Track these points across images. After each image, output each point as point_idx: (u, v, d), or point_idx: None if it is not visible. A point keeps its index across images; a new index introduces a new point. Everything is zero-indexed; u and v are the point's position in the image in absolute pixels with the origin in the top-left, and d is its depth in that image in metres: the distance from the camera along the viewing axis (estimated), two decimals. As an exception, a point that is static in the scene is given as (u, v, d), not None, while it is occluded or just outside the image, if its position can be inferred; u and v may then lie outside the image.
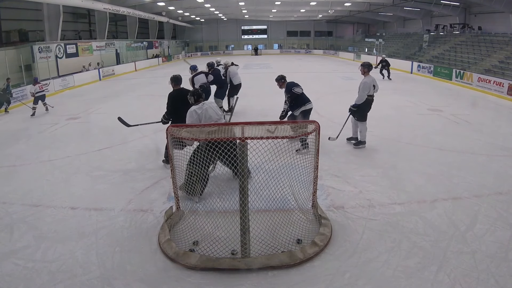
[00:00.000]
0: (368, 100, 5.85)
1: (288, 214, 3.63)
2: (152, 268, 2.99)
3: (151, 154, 5.91)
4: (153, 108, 10.11)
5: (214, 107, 4.29)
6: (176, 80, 5.06)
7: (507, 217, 3.69)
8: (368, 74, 5.80)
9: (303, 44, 40.47)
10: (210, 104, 4.28)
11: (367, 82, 5.74)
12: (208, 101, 4.42)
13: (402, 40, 26.51)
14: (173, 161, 3.46)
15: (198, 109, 4.15)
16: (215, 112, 4.25)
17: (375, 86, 5.88)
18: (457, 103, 10.17)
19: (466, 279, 2.77)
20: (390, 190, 4.37)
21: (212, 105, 4.29)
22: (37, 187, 4.69)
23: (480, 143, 6.27)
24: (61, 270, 2.97)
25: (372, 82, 5.80)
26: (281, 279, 2.83)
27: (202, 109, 4.16)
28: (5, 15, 17.06)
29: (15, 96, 11.18)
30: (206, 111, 4.15)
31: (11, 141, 7.06)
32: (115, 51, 22.43)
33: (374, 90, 5.88)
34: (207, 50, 39.46)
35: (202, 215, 3.62)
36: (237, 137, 2.95)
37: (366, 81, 5.75)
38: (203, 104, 4.22)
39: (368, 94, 5.78)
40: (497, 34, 17.50)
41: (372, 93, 5.86)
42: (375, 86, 5.88)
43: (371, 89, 5.81)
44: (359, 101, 5.79)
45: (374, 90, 5.87)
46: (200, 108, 4.16)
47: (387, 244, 3.25)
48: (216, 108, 4.31)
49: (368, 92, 5.77)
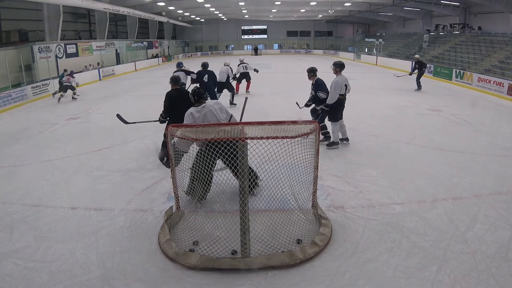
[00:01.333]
0: (340, 100, 5.78)
1: (288, 214, 3.63)
2: (152, 268, 2.99)
3: (151, 154, 5.91)
4: (153, 108, 10.10)
5: (216, 110, 3.92)
6: (174, 80, 5.14)
7: (507, 217, 3.69)
8: (340, 73, 5.78)
9: (303, 44, 40.47)
10: (213, 107, 3.93)
11: (338, 81, 5.70)
12: (212, 102, 4.04)
13: (402, 40, 26.51)
14: (173, 161, 3.46)
15: (196, 112, 3.86)
16: (217, 116, 3.88)
17: (347, 86, 5.82)
18: (457, 103, 10.17)
19: (466, 279, 2.77)
20: (390, 190, 4.37)
21: (215, 107, 3.93)
22: (37, 187, 4.69)
23: (480, 143, 6.27)
24: (61, 270, 2.97)
25: (344, 81, 5.75)
26: (281, 279, 2.83)
27: (200, 112, 3.86)
28: (5, 15, 17.06)
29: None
30: (205, 115, 3.84)
31: (11, 141, 7.06)
32: (115, 51, 22.43)
33: (347, 90, 5.83)
34: (207, 50, 39.45)
35: (202, 215, 3.62)
36: (237, 137, 2.95)
37: (338, 80, 5.71)
38: (203, 107, 3.89)
39: (340, 94, 5.73)
40: (497, 34, 17.50)
41: (344, 93, 5.80)
42: (347, 86, 5.82)
43: (342, 89, 5.75)
44: (330, 100, 5.74)
45: (346, 90, 5.81)
46: (199, 112, 3.86)
47: (387, 244, 3.25)
48: (221, 112, 3.95)
49: (340, 91, 5.72)
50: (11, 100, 10.91)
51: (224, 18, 37.01)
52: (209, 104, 3.95)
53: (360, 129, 7.23)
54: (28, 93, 11.90)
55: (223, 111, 4.00)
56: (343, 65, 5.86)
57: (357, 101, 10.49)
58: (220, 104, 4.06)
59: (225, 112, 4.03)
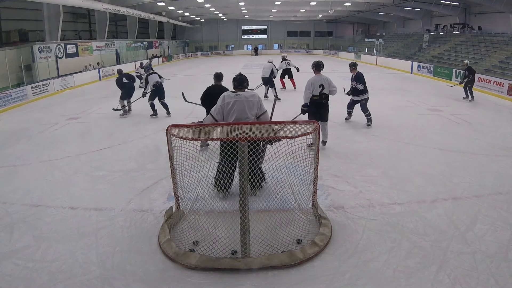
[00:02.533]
0: (313, 101, 5.63)
1: (288, 214, 3.63)
2: (152, 268, 2.99)
3: (151, 154, 5.92)
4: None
5: (250, 102, 3.84)
6: (216, 77, 5.39)
7: (507, 217, 3.69)
8: (318, 73, 5.69)
9: (303, 44, 40.46)
10: (248, 99, 3.85)
11: (310, 81, 5.62)
12: (250, 94, 3.94)
13: (402, 40, 26.52)
14: (173, 161, 3.46)
15: (229, 97, 3.83)
16: (247, 109, 3.81)
17: (323, 86, 5.59)
18: (457, 103, 10.17)
19: (466, 279, 2.76)
20: (390, 190, 4.37)
21: (250, 100, 3.86)
22: (37, 187, 4.69)
23: (480, 143, 6.27)
24: (61, 270, 2.97)
25: (319, 81, 5.59)
26: (281, 279, 2.83)
27: (232, 98, 3.81)
28: (5, 15, 17.06)
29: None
30: (235, 103, 3.79)
31: (11, 141, 7.06)
32: (115, 51, 22.44)
33: (323, 90, 5.60)
34: (207, 50, 39.45)
35: (202, 215, 3.61)
36: (237, 137, 2.95)
37: (310, 79, 5.64)
38: (237, 94, 3.85)
39: (313, 94, 5.60)
40: (497, 34, 17.51)
41: (318, 93, 5.60)
42: (323, 86, 5.59)
43: (315, 88, 5.58)
44: (304, 100, 5.67)
45: (323, 91, 5.60)
46: (231, 98, 3.82)
47: (387, 244, 3.25)
48: (253, 105, 3.87)
49: (313, 91, 5.58)
50: (11, 100, 10.91)
51: (224, 18, 37.01)
52: (244, 95, 3.89)
53: (360, 129, 7.23)
54: (28, 93, 11.90)
55: (255, 106, 3.91)
56: (319, 65, 5.71)
57: (357, 101, 10.50)
58: (256, 97, 3.96)
59: (259, 107, 3.95)
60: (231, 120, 3.85)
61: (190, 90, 12.98)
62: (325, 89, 5.62)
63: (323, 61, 5.90)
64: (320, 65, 5.74)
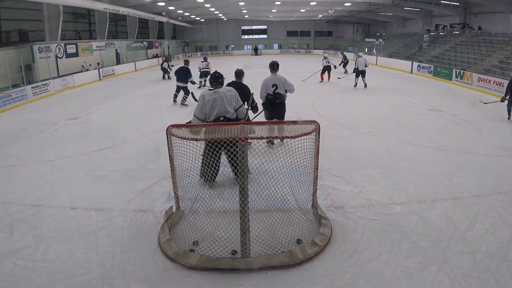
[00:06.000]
0: (267, 99, 5.72)
1: (288, 214, 3.63)
2: (152, 268, 2.99)
3: (151, 154, 5.91)
4: (153, 107, 10.13)
5: (227, 97, 4.08)
6: (236, 74, 5.55)
7: (507, 217, 3.69)
8: (273, 72, 5.73)
9: (303, 44, 40.45)
10: (225, 94, 4.09)
11: (264, 80, 5.74)
12: (226, 89, 4.20)
13: (402, 40, 26.52)
14: (173, 161, 3.46)
15: (208, 95, 4.06)
16: (226, 103, 4.06)
17: (276, 86, 5.65)
18: (457, 103, 10.17)
19: (466, 279, 2.76)
20: (390, 190, 4.37)
21: (227, 94, 4.10)
22: (37, 187, 4.68)
23: (480, 143, 6.27)
24: (61, 270, 2.97)
25: (272, 81, 5.68)
26: (281, 279, 2.83)
27: (211, 96, 4.04)
28: (5, 15, 17.06)
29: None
30: (214, 99, 4.04)
31: (11, 141, 7.05)
32: (115, 51, 22.43)
33: (277, 90, 5.65)
34: (207, 50, 39.44)
35: (202, 215, 3.61)
36: (237, 137, 2.95)
37: (265, 79, 5.74)
38: (215, 91, 4.08)
39: (267, 93, 5.69)
40: (497, 34, 17.50)
41: (272, 92, 5.67)
42: (276, 86, 5.65)
43: (268, 88, 5.68)
44: (261, 99, 5.74)
45: (274, 90, 5.65)
46: (210, 95, 4.05)
47: (387, 244, 3.25)
48: (231, 99, 4.10)
49: (266, 90, 5.69)
50: (11, 100, 10.90)
51: (224, 18, 37.00)
52: (222, 91, 4.14)
53: (360, 129, 7.23)
54: (28, 93, 11.90)
55: (233, 100, 4.16)
56: (273, 64, 5.78)
57: (357, 101, 10.51)
58: (233, 92, 4.20)
59: (236, 101, 4.21)
60: (213, 115, 4.11)
61: (193, 90, 12.98)
62: (278, 89, 5.68)
63: (278, 61, 5.95)
64: (274, 64, 5.81)
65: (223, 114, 4.13)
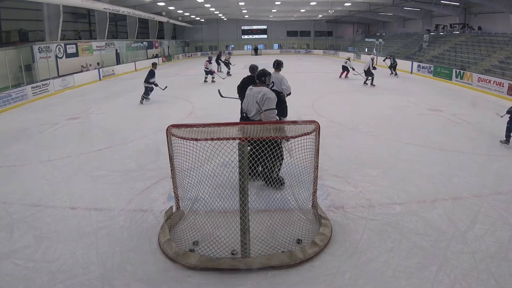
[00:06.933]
0: None
1: (288, 214, 3.63)
2: (152, 268, 2.99)
3: (151, 154, 5.91)
4: (153, 107, 10.13)
5: (257, 97, 4.17)
6: (251, 69, 5.80)
7: (507, 217, 3.69)
8: (276, 71, 5.85)
9: (303, 44, 40.44)
10: (256, 94, 4.21)
11: None
12: (257, 89, 4.25)
13: (402, 40, 26.51)
14: (173, 161, 3.46)
15: (248, 89, 4.33)
16: (252, 104, 4.23)
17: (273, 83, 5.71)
18: (457, 103, 10.16)
19: (466, 279, 2.77)
20: (390, 190, 4.37)
21: (257, 95, 4.19)
22: (37, 187, 4.68)
23: (480, 143, 6.28)
24: (61, 270, 2.97)
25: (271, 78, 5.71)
26: (281, 279, 2.83)
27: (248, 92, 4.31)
28: (5, 15, 17.05)
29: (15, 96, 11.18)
30: (248, 96, 4.30)
31: (11, 141, 7.05)
32: (115, 51, 22.42)
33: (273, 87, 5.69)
34: (207, 50, 39.43)
35: (202, 215, 3.61)
36: (237, 137, 2.95)
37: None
38: (251, 89, 4.31)
39: None
40: (497, 34, 17.50)
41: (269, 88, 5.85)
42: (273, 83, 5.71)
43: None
44: None
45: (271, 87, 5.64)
46: (248, 90, 4.32)
47: (387, 244, 3.25)
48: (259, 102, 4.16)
49: None
50: (11, 100, 10.91)
51: (224, 18, 36.99)
52: (255, 90, 4.30)
53: (360, 129, 7.22)
54: (28, 93, 11.90)
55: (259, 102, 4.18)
56: (275, 63, 5.91)
57: (357, 101, 10.51)
58: (260, 94, 4.20)
59: (263, 104, 4.18)
60: (245, 110, 4.45)
61: (193, 90, 12.97)
62: (275, 86, 5.78)
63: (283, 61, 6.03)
64: (275, 63, 5.95)
65: (247, 113, 4.38)
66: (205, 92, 12.54)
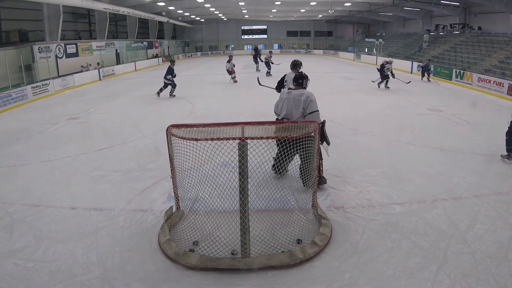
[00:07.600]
0: None
1: (288, 214, 3.63)
2: (152, 268, 2.99)
3: (151, 154, 5.91)
4: (153, 107, 10.13)
5: (297, 100, 4.03)
6: (293, 65, 5.89)
7: (507, 217, 3.69)
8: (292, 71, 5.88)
9: (303, 44, 40.45)
10: (297, 97, 4.06)
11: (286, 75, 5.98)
12: (298, 92, 4.13)
13: (402, 40, 26.52)
14: (173, 161, 3.46)
15: (283, 93, 4.23)
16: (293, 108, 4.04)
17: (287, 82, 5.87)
18: (457, 103, 10.17)
19: (466, 279, 2.76)
20: (390, 190, 4.37)
21: (298, 98, 4.04)
22: (37, 187, 4.68)
23: (480, 143, 6.27)
24: (61, 270, 2.97)
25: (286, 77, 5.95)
26: (281, 279, 2.83)
27: (285, 95, 4.16)
28: (5, 15, 17.06)
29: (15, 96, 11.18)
30: (285, 100, 4.14)
31: (11, 141, 7.05)
32: (115, 51, 22.43)
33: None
34: (207, 50, 39.44)
35: (202, 215, 3.61)
36: (237, 137, 2.95)
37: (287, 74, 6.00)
38: (289, 92, 4.16)
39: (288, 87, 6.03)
40: (497, 34, 17.50)
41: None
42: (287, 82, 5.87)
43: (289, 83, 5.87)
44: None
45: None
46: (284, 95, 4.19)
47: (387, 244, 3.25)
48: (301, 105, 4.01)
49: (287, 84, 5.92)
50: (11, 100, 10.91)
51: (224, 18, 36.99)
52: (294, 93, 4.15)
53: (360, 129, 7.22)
54: (28, 93, 11.90)
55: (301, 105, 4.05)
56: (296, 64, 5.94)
57: (358, 101, 10.51)
58: (304, 97, 4.07)
59: (306, 107, 4.06)
60: (282, 115, 4.23)
61: (193, 90, 12.98)
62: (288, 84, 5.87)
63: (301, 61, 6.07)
64: (297, 64, 5.95)
65: (288, 117, 4.14)
66: (205, 92, 12.55)
